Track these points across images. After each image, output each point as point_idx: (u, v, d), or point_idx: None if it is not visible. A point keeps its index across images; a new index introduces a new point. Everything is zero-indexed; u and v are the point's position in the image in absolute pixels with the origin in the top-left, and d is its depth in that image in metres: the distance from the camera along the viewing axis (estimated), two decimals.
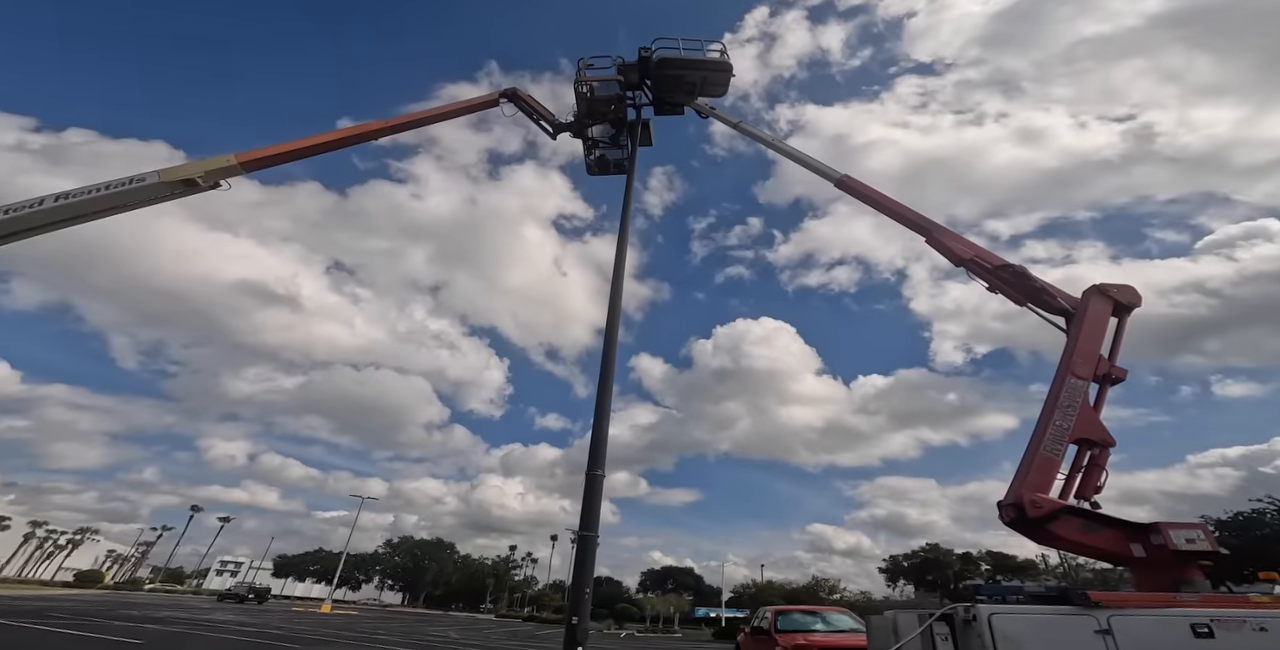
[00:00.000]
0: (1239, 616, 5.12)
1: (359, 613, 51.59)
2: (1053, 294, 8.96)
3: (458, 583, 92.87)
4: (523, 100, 14.80)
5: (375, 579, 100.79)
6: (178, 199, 10.49)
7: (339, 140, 11.85)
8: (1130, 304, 8.58)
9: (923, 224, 10.80)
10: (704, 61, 14.71)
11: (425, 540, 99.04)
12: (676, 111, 15.82)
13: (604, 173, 16.42)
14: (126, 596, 45.71)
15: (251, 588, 54.39)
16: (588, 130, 15.48)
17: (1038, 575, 51.13)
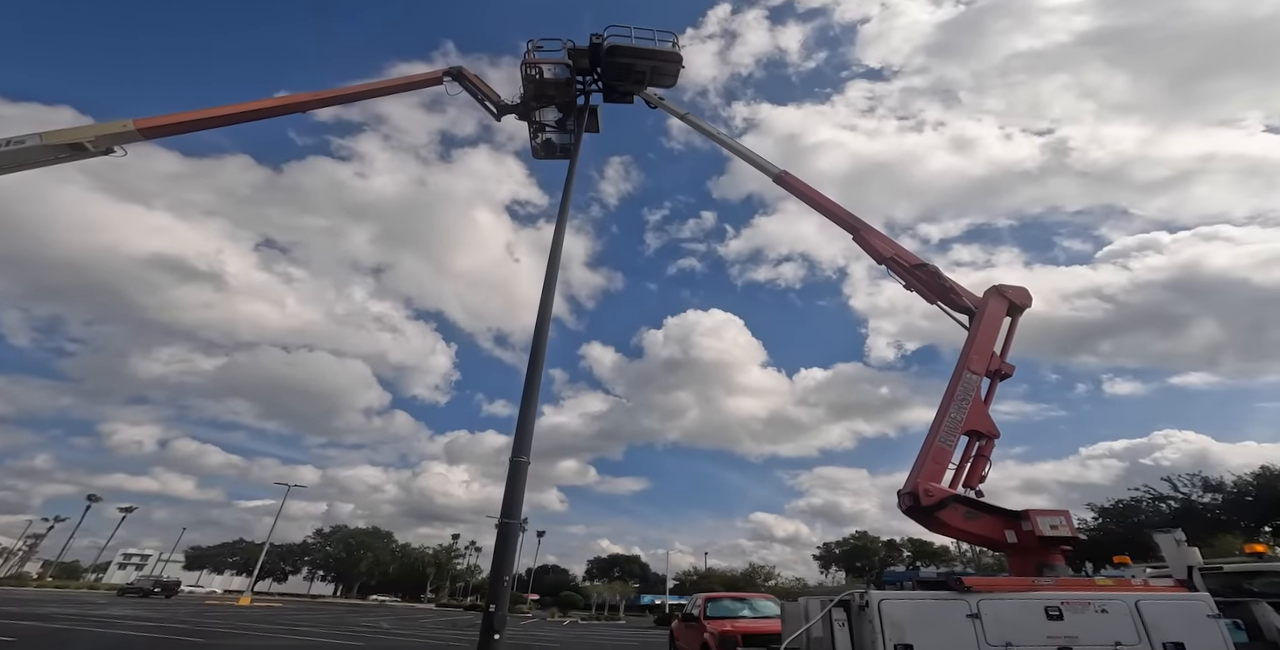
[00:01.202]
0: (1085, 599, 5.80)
1: (283, 604, 49.63)
2: (959, 293, 9.63)
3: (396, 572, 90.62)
4: (468, 80, 14.41)
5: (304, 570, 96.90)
6: (66, 163, 9.62)
7: (258, 111, 11.06)
8: (1022, 305, 9.35)
9: (851, 222, 11.33)
10: (655, 51, 14.75)
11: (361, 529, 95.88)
12: (626, 100, 15.81)
13: (549, 157, 16.23)
14: (9, 593, 42.08)
15: (158, 581, 51.17)
16: (534, 113, 15.22)
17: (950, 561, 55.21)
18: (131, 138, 9.82)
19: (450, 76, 14.17)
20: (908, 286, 10.25)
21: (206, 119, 10.49)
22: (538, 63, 13.88)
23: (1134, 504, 38.38)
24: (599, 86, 15.33)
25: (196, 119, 10.35)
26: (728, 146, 14.47)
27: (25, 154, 8.84)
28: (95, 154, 9.62)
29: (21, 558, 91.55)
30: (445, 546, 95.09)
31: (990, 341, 8.75)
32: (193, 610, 30.76)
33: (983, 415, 8.20)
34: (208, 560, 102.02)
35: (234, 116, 10.88)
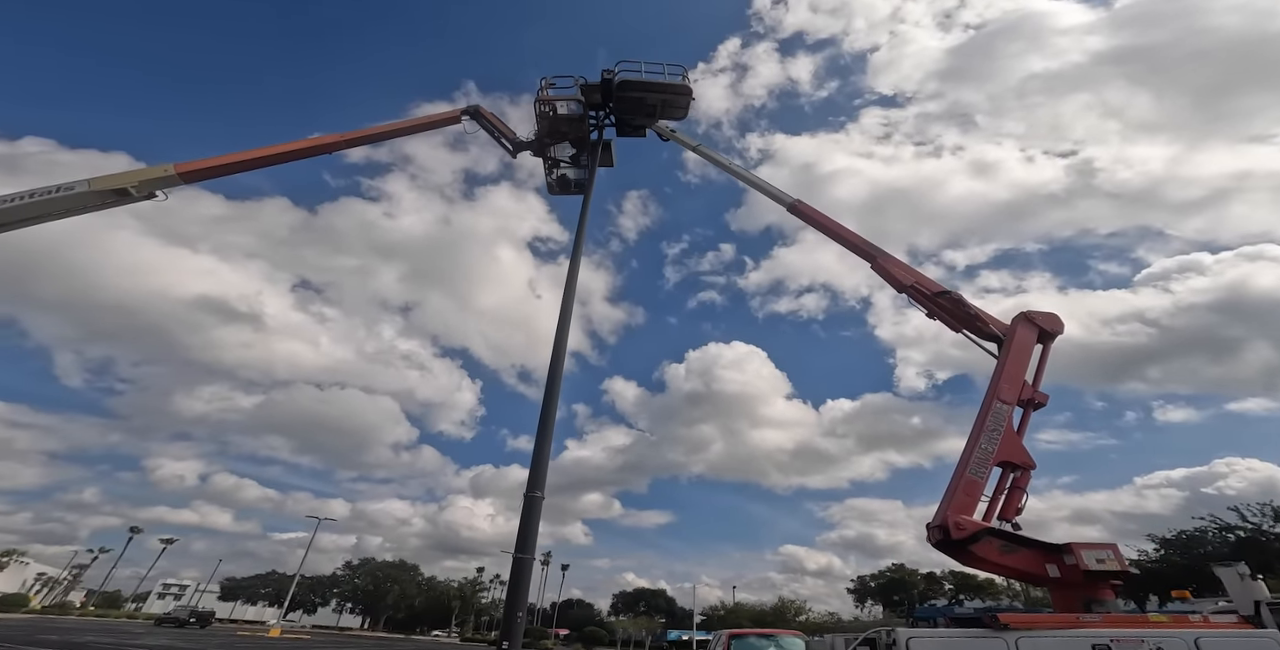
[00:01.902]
0: (1137, 636, 5.33)
1: (310, 636, 49.28)
2: (985, 320, 9.30)
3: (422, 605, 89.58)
4: (484, 118, 14.87)
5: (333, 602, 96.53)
6: (116, 208, 10.17)
7: (291, 152, 11.62)
8: (1054, 331, 8.94)
9: (869, 250, 11.09)
10: (665, 84, 15.02)
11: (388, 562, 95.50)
12: (638, 133, 16.03)
13: (565, 192, 16.48)
14: (52, 621, 42.83)
15: (193, 612, 51.49)
16: (548, 149, 15.55)
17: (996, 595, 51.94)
18: (173, 182, 10.34)
19: (468, 115, 14.66)
20: (931, 315, 9.94)
21: (243, 162, 11.03)
22: (551, 100, 14.24)
23: (1198, 535, 35.63)
24: (612, 121, 15.63)
25: (233, 162, 10.90)
26: (740, 177, 14.52)
27: (75, 200, 9.38)
28: (139, 199, 10.14)
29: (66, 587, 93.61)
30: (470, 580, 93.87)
31: (1020, 370, 8.44)
32: (224, 641, 30.76)
33: (1016, 446, 7.88)
34: (242, 591, 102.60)
35: (268, 158, 11.42)
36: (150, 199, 10.43)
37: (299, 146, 11.69)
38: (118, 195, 9.82)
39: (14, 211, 8.80)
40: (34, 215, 9.17)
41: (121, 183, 9.66)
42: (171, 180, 10.27)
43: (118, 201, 9.95)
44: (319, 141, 11.99)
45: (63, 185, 9.10)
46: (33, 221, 9.32)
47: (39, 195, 8.91)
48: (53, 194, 9.01)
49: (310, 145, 11.86)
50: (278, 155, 11.46)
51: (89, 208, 9.75)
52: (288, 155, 11.62)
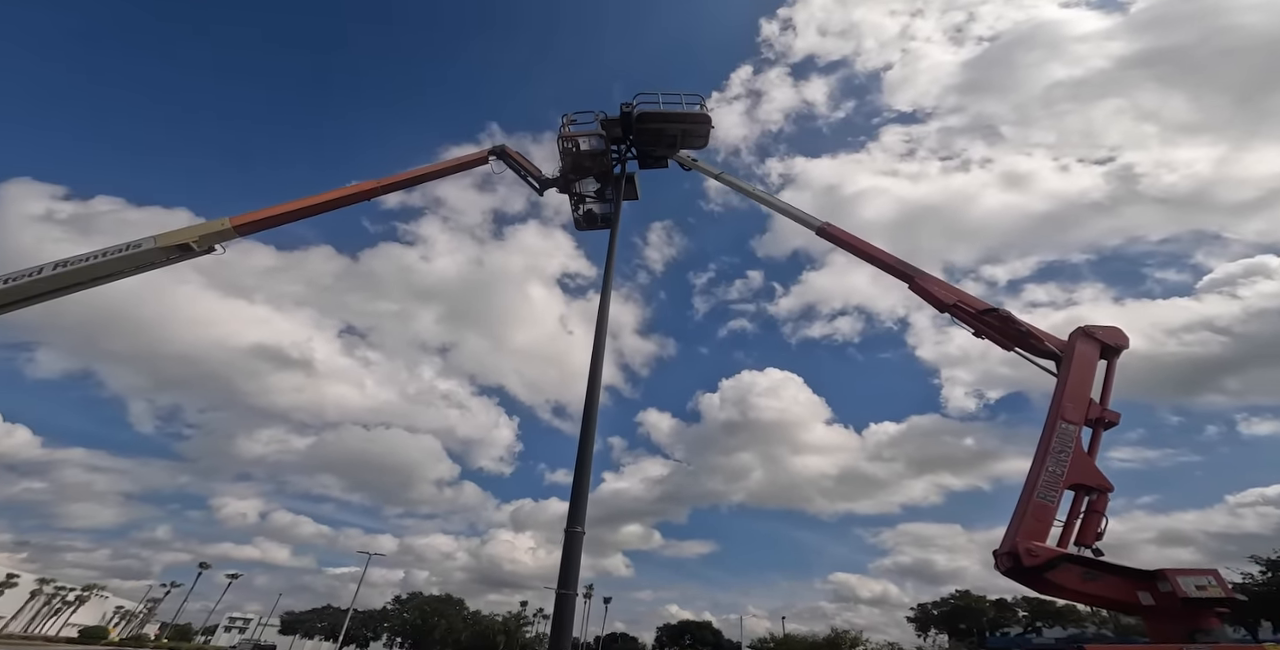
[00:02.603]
0: None
1: None
2: (1039, 337, 8.83)
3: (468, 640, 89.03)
4: (510, 157, 15.27)
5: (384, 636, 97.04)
6: (175, 264, 10.83)
7: (333, 201, 12.23)
8: (1117, 346, 8.42)
9: (905, 270, 10.76)
10: (683, 114, 15.17)
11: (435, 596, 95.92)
12: (660, 164, 16.14)
13: (591, 227, 16.62)
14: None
15: (256, 645, 52.63)
16: (573, 185, 15.78)
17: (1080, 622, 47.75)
18: (229, 235, 10.99)
19: (495, 155, 15.06)
20: (979, 334, 9.51)
21: (290, 212, 11.67)
22: (573, 136, 14.52)
23: None
24: (633, 153, 15.77)
25: (282, 213, 11.54)
26: (765, 202, 14.42)
27: (144, 257, 10.06)
28: (200, 253, 10.79)
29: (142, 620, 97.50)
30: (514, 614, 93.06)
31: (1084, 387, 7.99)
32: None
33: (1088, 467, 7.43)
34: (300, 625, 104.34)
35: (314, 208, 12.05)
36: (210, 253, 11.05)
37: (341, 194, 12.30)
38: (181, 251, 10.46)
39: (90, 270, 9.50)
40: (109, 273, 9.87)
41: (184, 238, 10.31)
42: (228, 234, 10.90)
43: (181, 256, 10.60)
44: (359, 188, 12.59)
45: (131, 243, 9.81)
46: (108, 279, 10.03)
47: (111, 254, 9.61)
48: (124, 252, 9.70)
49: (351, 192, 12.46)
50: (322, 204, 12.07)
51: (157, 264, 10.42)
52: (331, 203, 12.24)
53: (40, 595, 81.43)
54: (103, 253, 9.54)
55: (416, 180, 13.82)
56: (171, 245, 10.27)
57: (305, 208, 11.88)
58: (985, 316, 9.39)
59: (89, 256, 9.42)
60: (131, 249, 9.75)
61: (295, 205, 11.71)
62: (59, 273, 9.13)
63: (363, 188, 12.61)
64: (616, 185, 15.33)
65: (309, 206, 11.94)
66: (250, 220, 11.11)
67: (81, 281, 9.60)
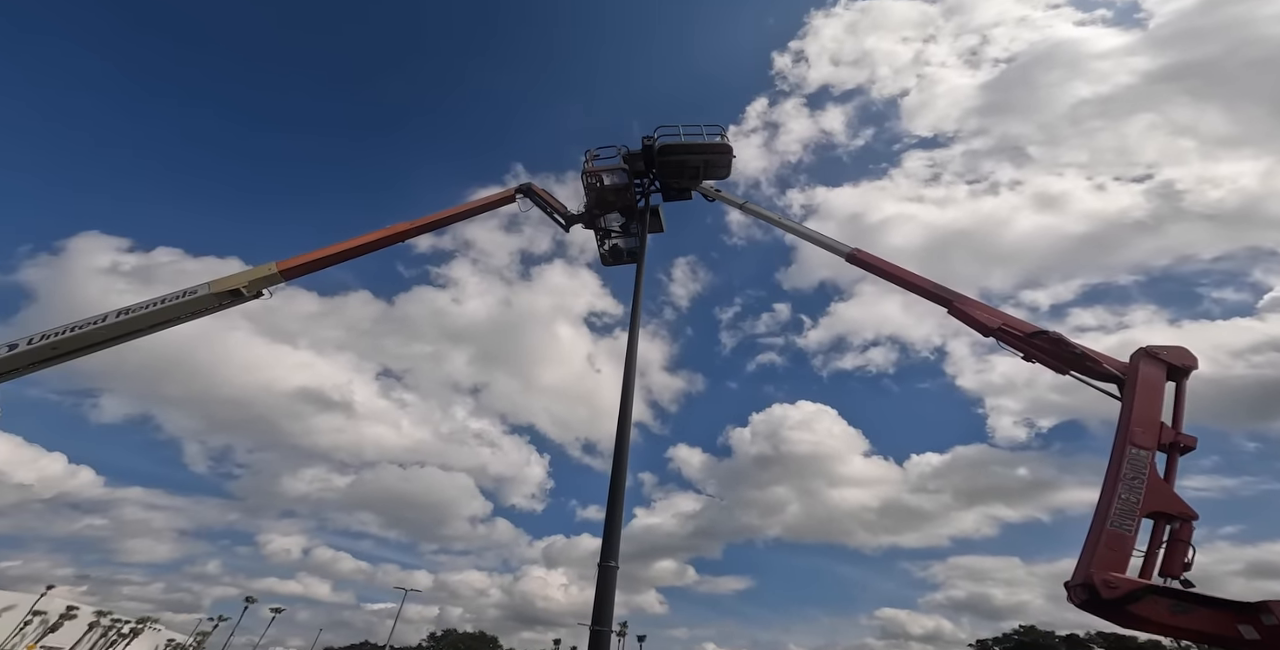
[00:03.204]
0: None
1: None
2: (1096, 360, 8.51)
3: None
4: (536, 194, 15.64)
5: None
6: (227, 309, 11.47)
7: (371, 243, 12.83)
8: (1185, 366, 8.03)
9: (942, 294, 10.52)
10: (705, 145, 15.32)
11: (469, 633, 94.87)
12: (684, 196, 16.25)
13: (618, 262, 16.76)
14: None
15: None
16: (599, 220, 16.03)
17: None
18: (275, 280, 11.62)
19: (521, 193, 15.43)
20: (1028, 358, 9.18)
21: (331, 255, 12.30)
22: (596, 171, 14.81)
23: None
24: (657, 186, 15.96)
25: (324, 256, 12.18)
26: (791, 230, 14.25)
27: (199, 302, 10.72)
28: (249, 298, 11.42)
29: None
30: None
31: (1153, 411, 7.64)
32: None
33: (1167, 495, 7.09)
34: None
35: (353, 250, 12.66)
36: (259, 298, 11.67)
37: (378, 236, 12.90)
38: (232, 296, 11.10)
39: (151, 317, 10.19)
40: (167, 319, 10.55)
41: (234, 284, 10.97)
42: (274, 278, 11.53)
43: (233, 301, 11.23)
44: (394, 229, 13.18)
45: (188, 290, 10.50)
46: (167, 325, 10.72)
47: (170, 300, 10.30)
48: (181, 298, 10.37)
49: (388, 234, 13.05)
50: (361, 246, 12.68)
51: (211, 309, 11.08)
52: (370, 246, 12.84)
53: (98, 627, 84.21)
54: (162, 300, 10.23)
55: (447, 221, 14.34)
56: (224, 291, 10.90)
57: (345, 251, 12.48)
58: (1034, 340, 9.06)
59: (149, 303, 10.12)
60: (188, 296, 10.41)
61: (336, 248, 12.33)
62: (122, 320, 9.82)
63: (397, 229, 13.21)
64: (641, 218, 15.50)
65: (349, 249, 12.54)
66: (294, 264, 11.74)
67: (142, 328, 10.27)
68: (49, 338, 9.01)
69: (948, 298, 10.38)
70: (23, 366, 8.99)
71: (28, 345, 8.85)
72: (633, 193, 15.40)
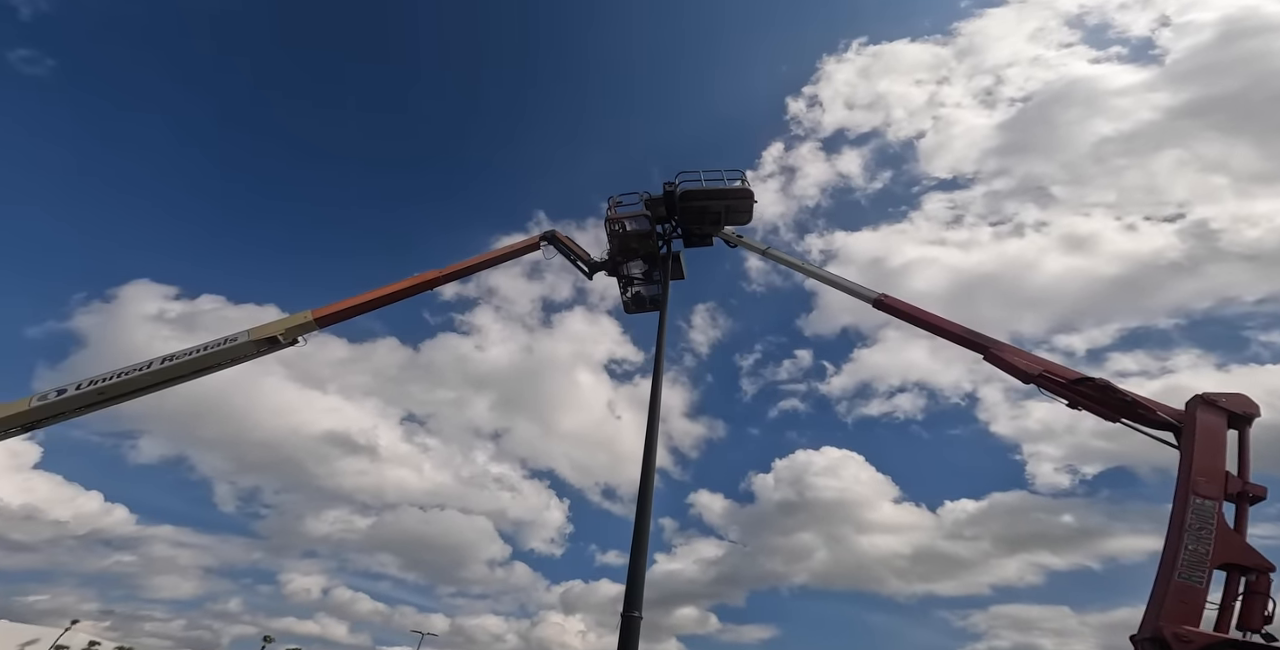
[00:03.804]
0: None
1: None
2: (1148, 407, 8.32)
3: None
4: (560, 242, 15.99)
5: None
6: (265, 356, 11.92)
7: (401, 292, 13.34)
8: (1247, 414, 7.82)
9: (977, 340, 10.36)
10: (726, 190, 15.46)
11: None
12: (705, 243, 16.38)
13: (640, 310, 16.90)
14: None
15: None
16: (621, 268, 16.25)
17: None
18: (310, 327, 12.10)
19: (546, 240, 15.78)
20: (1073, 405, 8.99)
21: (364, 303, 12.80)
22: (619, 217, 15.10)
23: None
24: (678, 232, 16.17)
25: (357, 304, 12.69)
26: (815, 275, 14.21)
27: (238, 350, 11.17)
28: (286, 345, 11.86)
29: None
30: None
31: (1216, 460, 7.48)
32: None
33: (1239, 546, 6.91)
34: None
35: (384, 298, 13.16)
36: (294, 345, 12.11)
37: (409, 284, 13.41)
38: (270, 343, 11.55)
39: (193, 363, 10.65)
40: (209, 365, 11.01)
41: (272, 331, 11.44)
42: (309, 326, 12.00)
43: (270, 349, 11.68)
44: (424, 277, 13.67)
45: (229, 337, 10.99)
46: (208, 371, 11.18)
47: (211, 348, 10.78)
48: (221, 346, 10.84)
49: (418, 282, 13.55)
50: (393, 294, 13.18)
51: (249, 356, 11.52)
52: (401, 293, 13.34)
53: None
54: (204, 347, 10.72)
55: (474, 269, 14.76)
56: (262, 338, 11.36)
57: (377, 299, 12.99)
58: (1078, 387, 8.86)
59: (192, 351, 10.60)
60: (228, 343, 10.88)
61: (369, 297, 12.84)
62: (165, 366, 10.29)
63: (426, 277, 13.72)
64: (664, 265, 15.70)
65: (381, 297, 13.04)
66: (329, 312, 12.24)
67: (185, 374, 10.73)
68: (96, 383, 9.48)
69: (983, 344, 10.25)
70: (70, 411, 9.44)
71: (75, 390, 9.33)
72: (655, 239, 15.60)
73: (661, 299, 14.76)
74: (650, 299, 16.60)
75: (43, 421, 9.24)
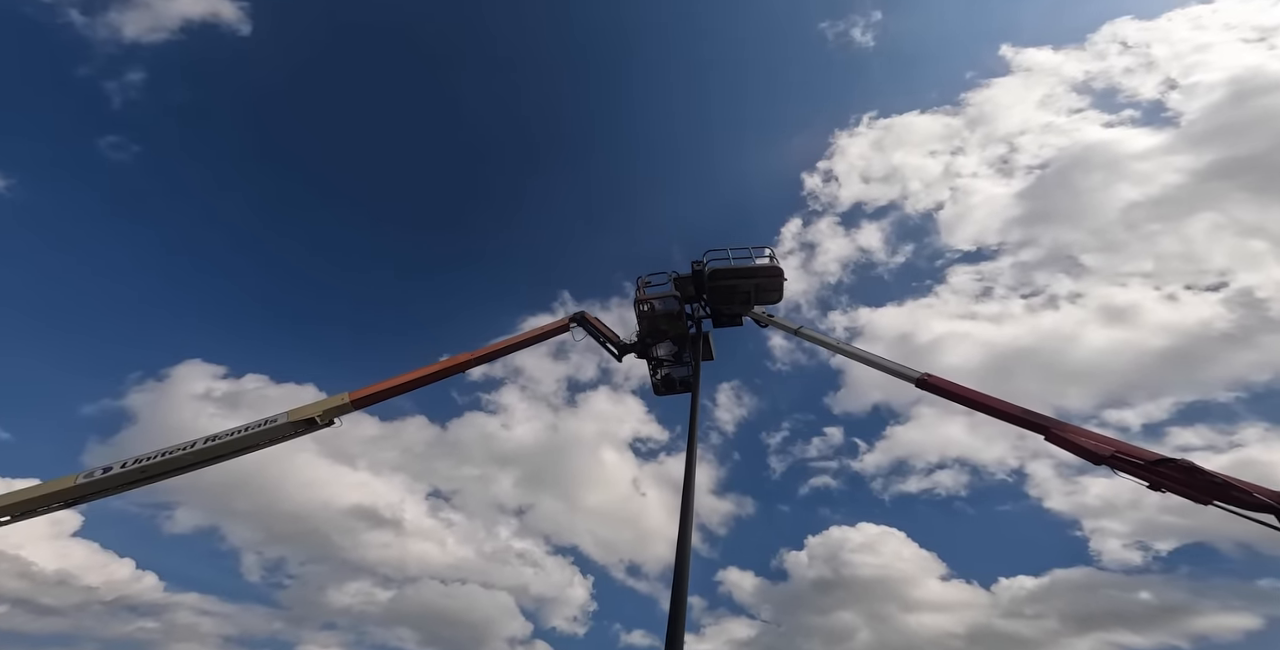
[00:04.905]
0: None
1: None
2: (1245, 489, 7.74)
3: None
4: (590, 323, 16.28)
5: None
6: (303, 436, 12.37)
7: (434, 374, 13.87)
8: None
9: (1035, 420, 9.86)
10: (755, 268, 15.42)
11: None
12: (735, 322, 16.34)
13: (670, 392, 16.80)
14: None
15: None
16: (651, 349, 16.34)
17: None
18: (347, 409, 12.56)
19: (575, 322, 16.10)
20: (1155, 487, 8.40)
21: (399, 386, 13.31)
22: (648, 298, 15.35)
23: None
24: (707, 312, 16.24)
25: (392, 387, 13.20)
26: (850, 355, 13.78)
27: (278, 431, 11.63)
28: (322, 426, 12.29)
29: None
30: None
31: None
32: None
33: None
34: None
35: (419, 380, 13.66)
36: (330, 426, 12.52)
37: (442, 366, 13.97)
38: (307, 424, 11.99)
39: (234, 443, 11.12)
40: (248, 445, 11.45)
41: (310, 413, 11.93)
42: (346, 408, 12.45)
43: (307, 429, 12.10)
44: (457, 360, 14.23)
45: (269, 419, 11.50)
46: (247, 451, 11.59)
47: (252, 428, 11.28)
48: (262, 427, 11.36)
49: (451, 364, 14.11)
50: (427, 377, 13.70)
51: (287, 437, 11.93)
52: (434, 376, 13.86)
53: None
54: (245, 428, 11.22)
55: (505, 351, 15.22)
56: (300, 420, 11.88)
57: (413, 380, 13.50)
58: (1159, 468, 8.23)
59: (234, 431, 11.11)
60: (268, 424, 11.38)
61: (404, 379, 13.38)
62: (209, 446, 10.78)
63: (460, 360, 14.27)
64: (694, 346, 15.68)
65: (415, 379, 13.56)
66: (365, 394, 12.75)
67: (226, 453, 11.18)
68: (141, 462, 9.98)
69: (1043, 424, 9.71)
70: (113, 487, 9.95)
71: (120, 468, 9.84)
72: (684, 320, 15.72)
73: (693, 380, 14.52)
74: (680, 381, 16.48)
75: (87, 497, 9.70)
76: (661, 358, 16.56)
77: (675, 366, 16.57)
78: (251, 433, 11.29)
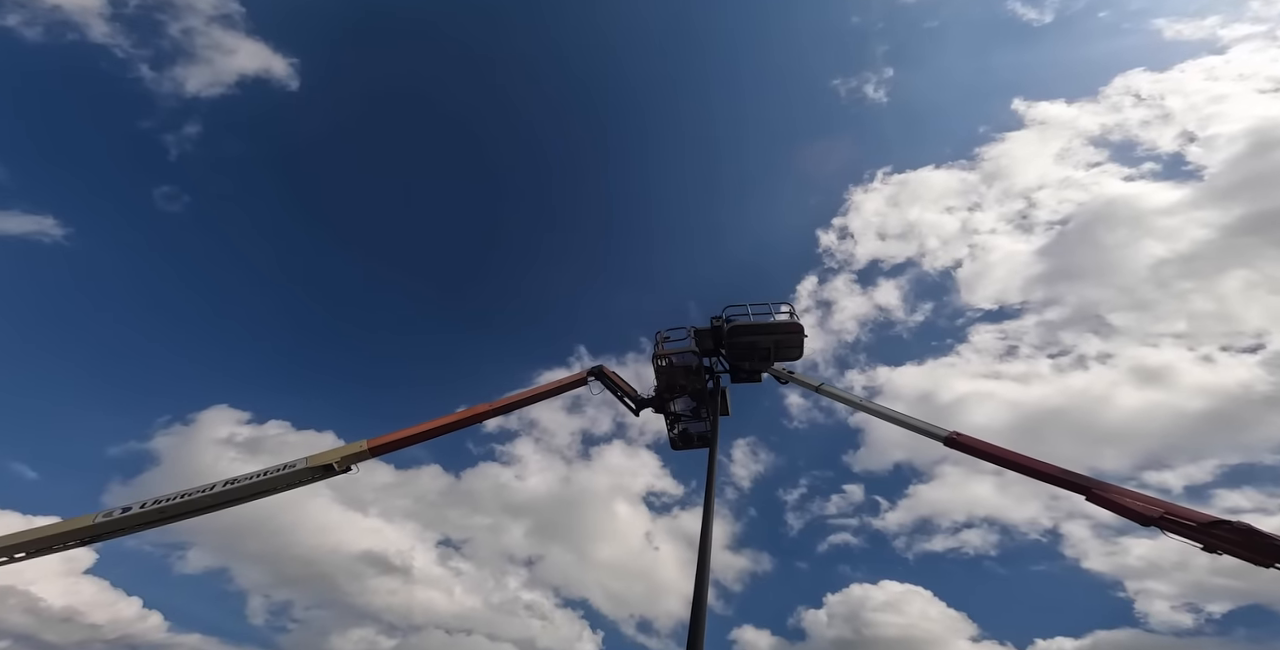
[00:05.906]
0: None
1: None
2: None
3: None
4: (608, 377, 16.48)
5: None
6: (320, 481, 12.49)
7: (452, 424, 14.05)
8: None
9: (1075, 481, 9.72)
10: (775, 325, 15.45)
11: None
12: (754, 379, 16.37)
13: (687, 447, 16.79)
14: None
15: None
16: (668, 404, 16.38)
17: None
18: (364, 456, 12.71)
19: (593, 376, 16.28)
20: (1209, 549, 8.19)
21: (417, 434, 13.48)
22: (667, 353, 15.52)
23: None
24: (725, 367, 16.36)
25: (410, 435, 13.37)
26: (875, 413, 13.61)
27: (296, 476, 11.78)
28: (340, 473, 12.41)
29: None
30: None
31: None
32: None
33: None
34: None
35: (436, 430, 13.83)
36: (347, 472, 12.63)
37: (460, 417, 14.16)
38: (325, 470, 12.14)
39: (252, 487, 11.28)
40: (267, 489, 11.59)
41: (328, 459, 12.11)
42: (364, 455, 12.61)
43: (324, 475, 12.23)
44: (475, 411, 14.43)
45: (288, 464, 11.69)
46: (264, 495, 11.70)
47: (271, 473, 11.46)
48: (280, 472, 11.53)
49: (469, 415, 14.30)
50: (444, 426, 13.88)
51: (305, 482, 12.05)
52: (451, 426, 14.03)
53: None
54: (264, 472, 11.41)
55: (523, 402, 15.33)
56: (318, 465, 12.05)
57: (431, 430, 13.68)
58: (1214, 530, 8.00)
59: (253, 475, 11.29)
60: (287, 469, 11.56)
61: (422, 428, 13.57)
62: (227, 489, 10.95)
63: (478, 410, 14.47)
64: (712, 402, 15.70)
65: (434, 429, 13.73)
66: (383, 442, 12.92)
67: (244, 497, 11.31)
68: (160, 503, 10.16)
69: (1082, 484, 9.55)
70: (131, 527, 10.10)
71: (139, 509, 10.00)
72: (703, 375, 15.83)
73: (711, 436, 14.48)
74: (698, 436, 16.45)
75: (104, 536, 9.85)
76: (679, 413, 16.61)
77: (693, 421, 16.59)
78: (270, 477, 11.48)
